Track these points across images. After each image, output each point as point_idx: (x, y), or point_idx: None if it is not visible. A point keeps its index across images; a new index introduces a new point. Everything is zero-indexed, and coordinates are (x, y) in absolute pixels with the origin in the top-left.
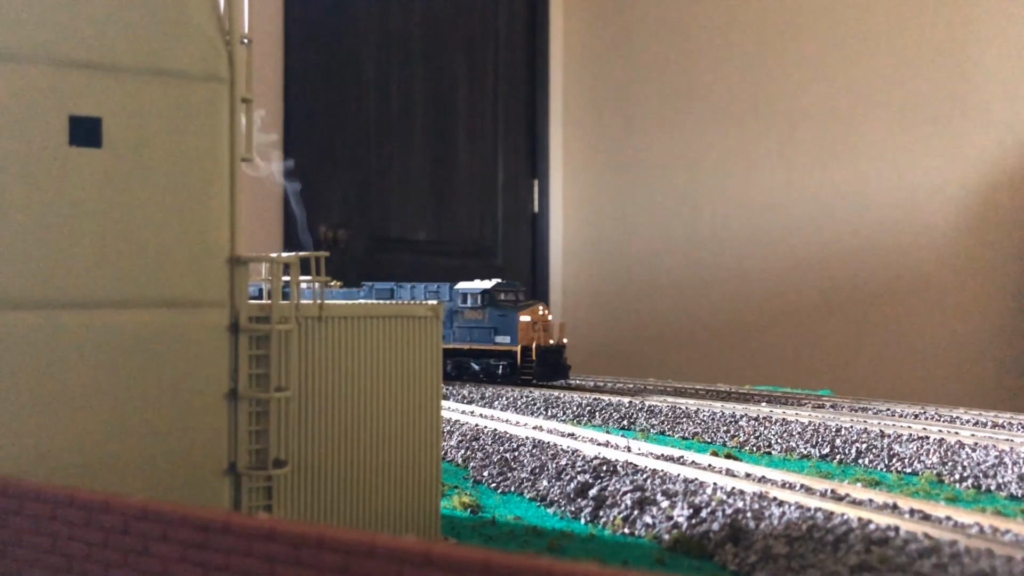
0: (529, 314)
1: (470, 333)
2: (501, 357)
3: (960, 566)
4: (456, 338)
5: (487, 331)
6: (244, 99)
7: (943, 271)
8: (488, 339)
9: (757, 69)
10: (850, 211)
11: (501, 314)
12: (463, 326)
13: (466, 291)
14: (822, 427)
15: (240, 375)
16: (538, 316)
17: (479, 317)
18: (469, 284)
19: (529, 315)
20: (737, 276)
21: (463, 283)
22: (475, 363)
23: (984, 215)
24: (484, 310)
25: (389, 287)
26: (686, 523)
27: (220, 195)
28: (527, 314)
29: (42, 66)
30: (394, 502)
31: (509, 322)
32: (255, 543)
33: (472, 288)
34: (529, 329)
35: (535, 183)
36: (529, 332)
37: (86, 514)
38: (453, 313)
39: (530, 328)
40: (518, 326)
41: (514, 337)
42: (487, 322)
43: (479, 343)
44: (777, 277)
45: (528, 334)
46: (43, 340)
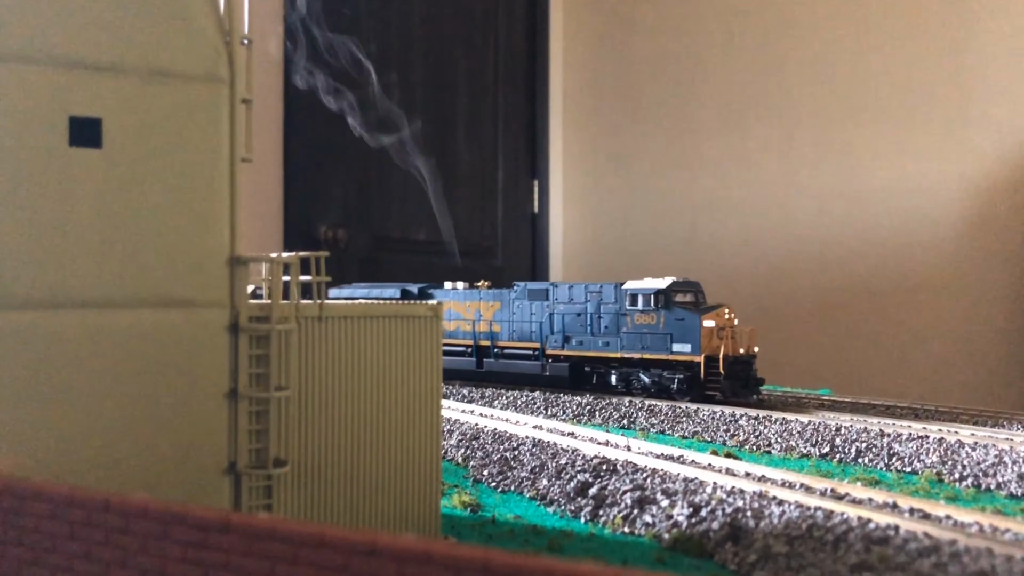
0: (713, 318)
1: (640, 340)
2: (678, 368)
3: (960, 565)
4: (623, 346)
5: (662, 338)
6: (244, 99)
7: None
8: (663, 347)
9: (757, 69)
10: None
11: (679, 318)
12: (632, 332)
13: (636, 291)
14: (822, 426)
15: (240, 375)
16: (724, 320)
17: (651, 321)
18: (639, 283)
19: (713, 319)
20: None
21: (632, 282)
22: (645, 375)
23: (984, 215)
24: (658, 313)
25: (544, 287)
26: (686, 522)
27: (220, 195)
28: (711, 318)
29: (42, 66)
30: (394, 501)
31: (690, 327)
32: (255, 543)
33: (643, 288)
34: (713, 336)
35: (535, 183)
36: (714, 339)
37: (86, 514)
38: (619, 316)
39: (715, 334)
40: (701, 332)
41: (696, 345)
42: (662, 327)
43: (652, 352)
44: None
45: (713, 341)
46: (43, 340)
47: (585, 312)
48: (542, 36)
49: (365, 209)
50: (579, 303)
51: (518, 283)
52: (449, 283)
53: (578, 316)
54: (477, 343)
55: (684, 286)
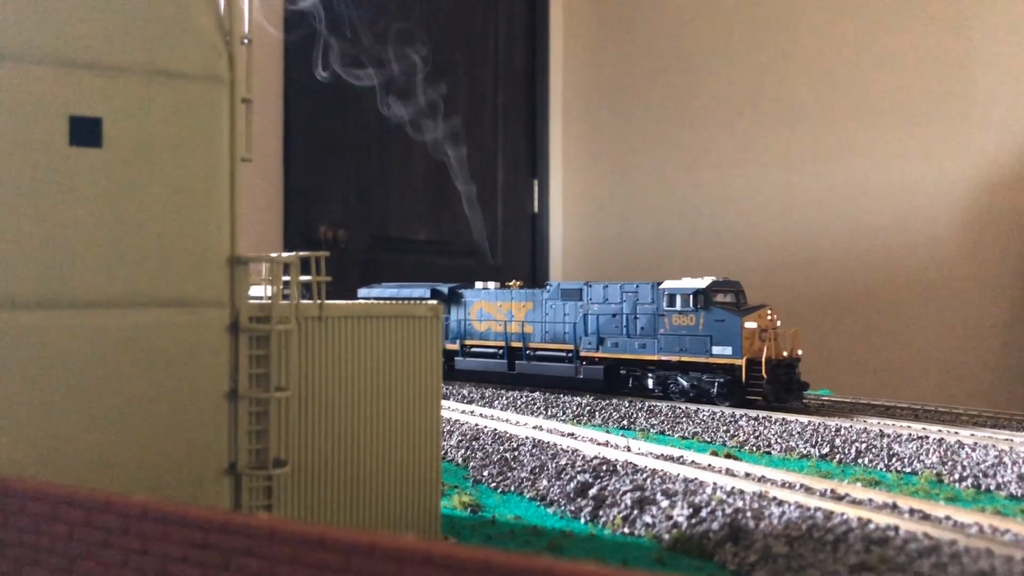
0: (755, 319)
1: (679, 342)
2: (718, 372)
3: (960, 566)
4: (661, 348)
5: (701, 340)
6: (244, 99)
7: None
8: (702, 350)
9: (757, 69)
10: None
11: (720, 319)
12: (670, 334)
13: (674, 291)
14: (822, 427)
15: (240, 375)
16: (766, 322)
17: (690, 323)
18: (677, 283)
19: (756, 321)
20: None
21: (670, 281)
22: (683, 379)
23: (984, 215)
24: (697, 314)
25: (578, 287)
26: (686, 523)
27: (220, 195)
28: (753, 319)
29: (42, 66)
30: (394, 502)
31: (730, 329)
32: (255, 543)
33: (682, 287)
34: (756, 338)
35: (535, 183)
36: (756, 341)
37: (86, 514)
38: (656, 317)
39: (757, 336)
40: (742, 334)
41: (737, 348)
42: (702, 329)
43: (691, 355)
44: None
45: (755, 344)
46: (43, 340)
47: (621, 313)
48: (542, 36)
49: (365, 209)
50: (614, 303)
51: (551, 282)
52: (480, 283)
53: (613, 317)
54: (508, 345)
55: (724, 286)
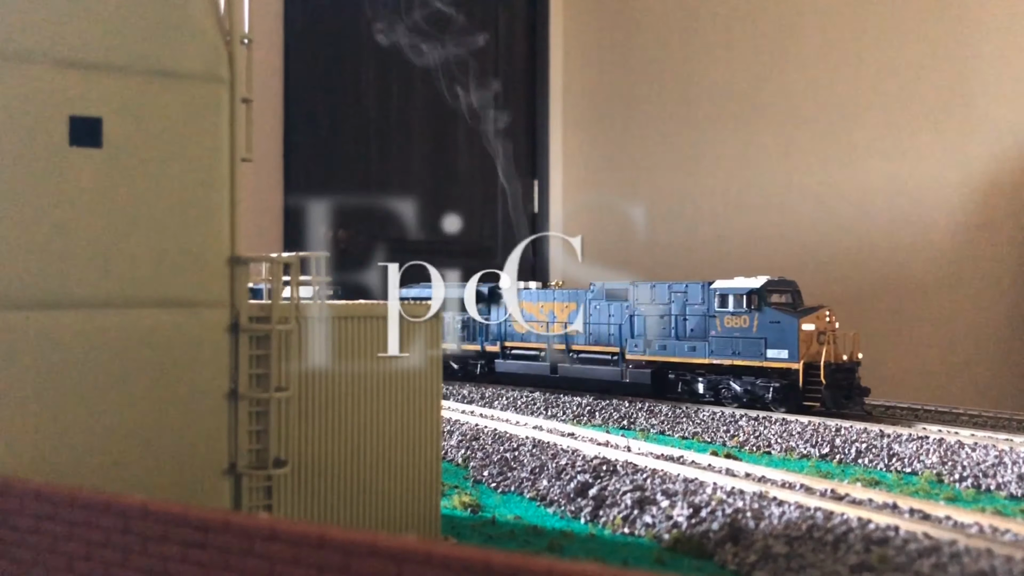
0: (813, 321)
1: (731, 345)
2: (773, 376)
3: (960, 566)
4: (712, 351)
5: (755, 343)
6: (244, 99)
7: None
8: (756, 353)
9: (757, 69)
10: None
11: (775, 321)
12: (721, 336)
13: (726, 291)
14: (822, 427)
15: (240, 375)
16: (825, 323)
17: (744, 324)
18: (729, 282)
19: (813, 322)
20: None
21: (722, 281)
22: (736, 383)
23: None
24: (751, 315)
25: (624, 287)
26: (686, 523)
27: (220, 195)
28: (810, 321)
29: (43, 66)
30: (394, 502)
31: (787, 331)
32: (255, 543)
33: (735, 287)
34: (813, 340)
35: (535, 183)
36: (813, 344)
37: (86, 514)
38: (707, 319)
39: (815, 339)
40: (799, 336)
41: (794, 351)
42: (756, 331)
43: (744, 358)
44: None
45: (812, 347)
46: (43, 340)
47: (669, 314)
48: (542, 36)
49: (365, 209)
50: (662, 304)
51: (595, 282)
52: (522, 282)
53: (661, 318)
54: (551, 347)
55: (779, 285)
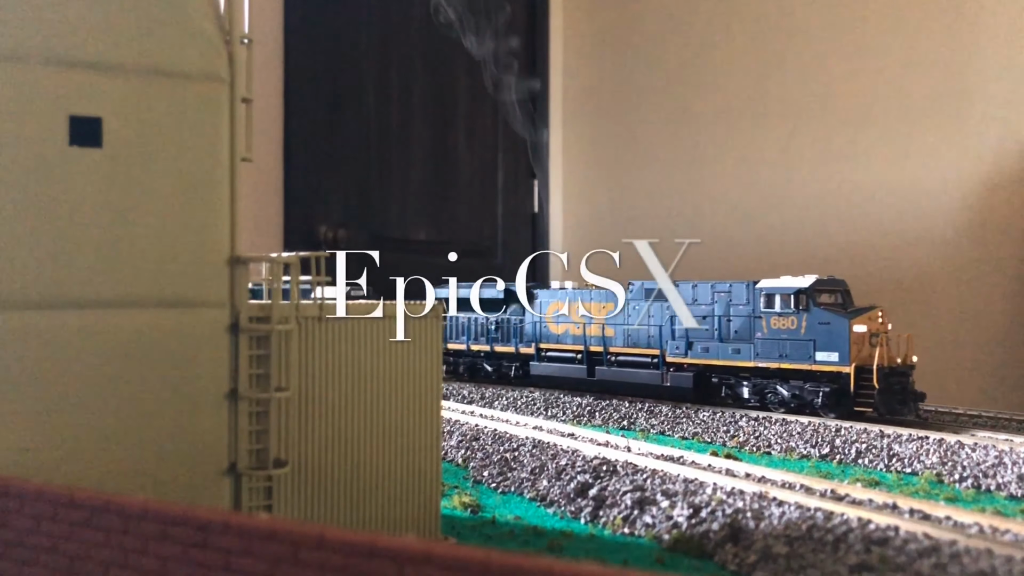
0: (865, 322)
1: (778, 347)
2: (823, 380)
3: (960, 566)
4: (757, 353)
5: (803, 345)
6: (244, 99)
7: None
8: (804, 356)
9: (757, 70)
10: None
11: (824, 322)
12: (767, 338)
13: (772, 290)
14: (822, 427)
15: (240, 375)
16: (877, 324)
17: (791, 326)
18: (776, 281)
19: (865, 324)
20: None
21: (767, 280)
22: (784, 388)
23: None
24: (799, 316)
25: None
26: (686, 523)
27: (220, 195)
28: (862, 322)
29: (42, 66)
30: (394, 502)
31: (837, 333)
32: (255, 543)
33: (781, 287)
34: (865, 342)
35: (535, 183)
36: (865, 347)
37: (86, 514)
38: (753, 320)
39: (866, 341)
40: (850, 338)
41: (844, 354)
42: (804, 333)
43: (792, 361)
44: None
45: (864, 349)
46: (43, 340)
47: (712, 315)
48: (542, 36)
49: (365, 209)
50: (705, 304)
51: (633, 281)
52: (556, 281)
53: (704, 319)
54: (587, 349)
55: (829, 284)
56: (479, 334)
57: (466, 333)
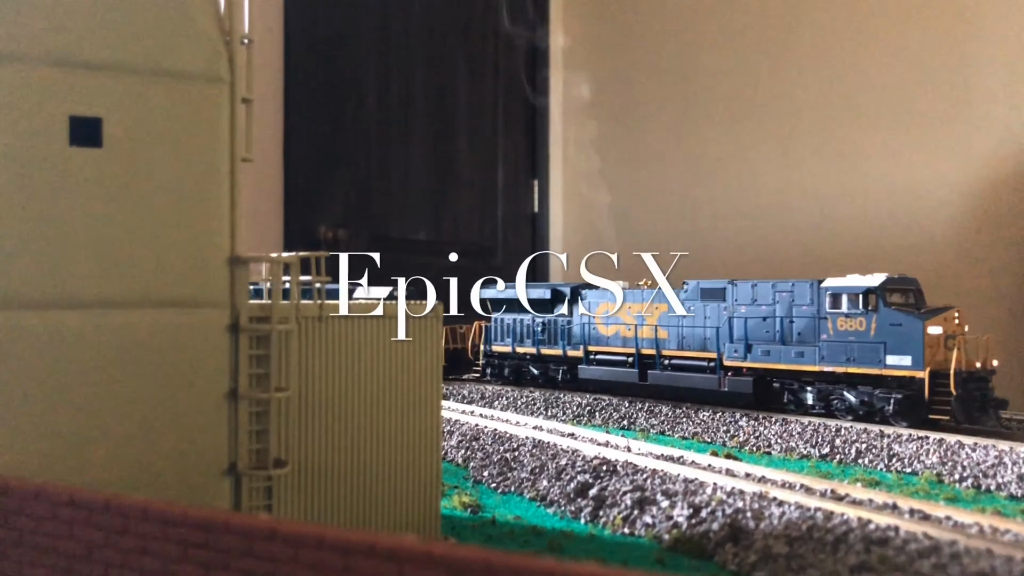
0: (940, 323)
1: (845, 350)
2: (894, 385)
3: (960, 566)
4: (822, 357)
5: (873, 348)
6: (244, 99)
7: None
8: (873, 359)
9: (757, 69)
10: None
11: (896, 323)
12: (834, 340)
13: (839, 290)
14: (822, 427)
15: (240, 375)
16: (954, 326)
17: (860, 327)
18: (842, 280)
19: (941, 325)
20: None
21: (833, 279)
22: (851, 394)
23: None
24: (868, 317)
25: (721, 286)
26: (686, 523)
27: (220, 195)
28: (937, 323)
29: (43, 66)
30: (394, 502)
31: (910, 335)
32: (255, 543)
33: (849, 286)
34: (941, 345)
35: (535, 183)
36: (941, 350)
37: (86, 514)
38: (817, 321)
39: (942, 344)
40: (925, 340)
41: (918, 357)
42: (874, 335)
43: (860, 365)
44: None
45: (939, 353)
46: (43, 340)
47: (773, 316)
48: (542, 36)
49: (365, 209)
50: (765, 305)
51: (688, 281)
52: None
53: (764, 320)
54: (639, 352)
55: (900, 283)
56: (525, 336)
57: (511, 335)
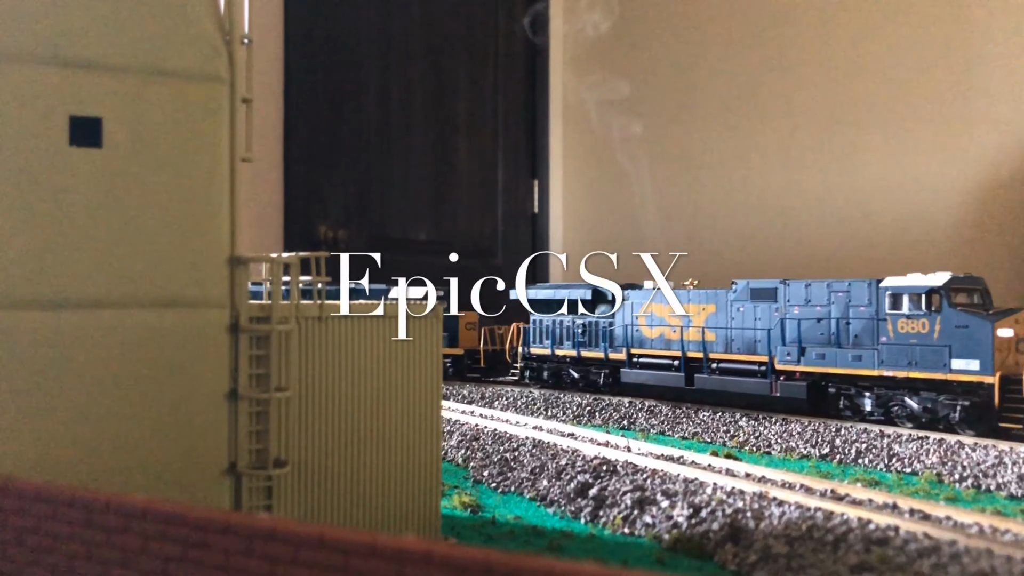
0: (1011, 325)
1: (906, 354)
2: (959, 392)
3: (960, 566)
4: (882, 361)
5: (937, 351)
6: (244, 99)
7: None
8: (937, 363)
9: (758, 69)
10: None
11: (962, 325)
12: (894, 343)
13: (900, 290)
14: (822, 427)
15: (240, 375)
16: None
17: (922, 329)
18: (904, 280)
19: (1011, 327)
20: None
21: (893, 278)
22: (913, 400)
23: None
24: (931, 318)
25: (772, 286)
26: (686, 523)
27: (220, 195)
28: (1007, 325)
29: (42, 66)
30: (394, 502)
31: (977, 338)
32: (255, 543)
33: (911, 285)
34: (1012, 349)
35: (535, 183)
36: (1012, 354)
37: (86, 514)
38: (876, 323)
39: (1013, 347)
40: (994, 344)
41: (987, 361)
42: (937, 337)
43: (922, 369)
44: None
45: (1010, 357)
46: (43, 340)
47: (828, 317)
48: (542, 36)
49: (365, 209)
50: (820, 305)
51: (738, 281)
52: (649, 282)
53: (819, 322)
54: (685, 355)
55: (966, 283)
56: (564, 338)
57: (550, 337)
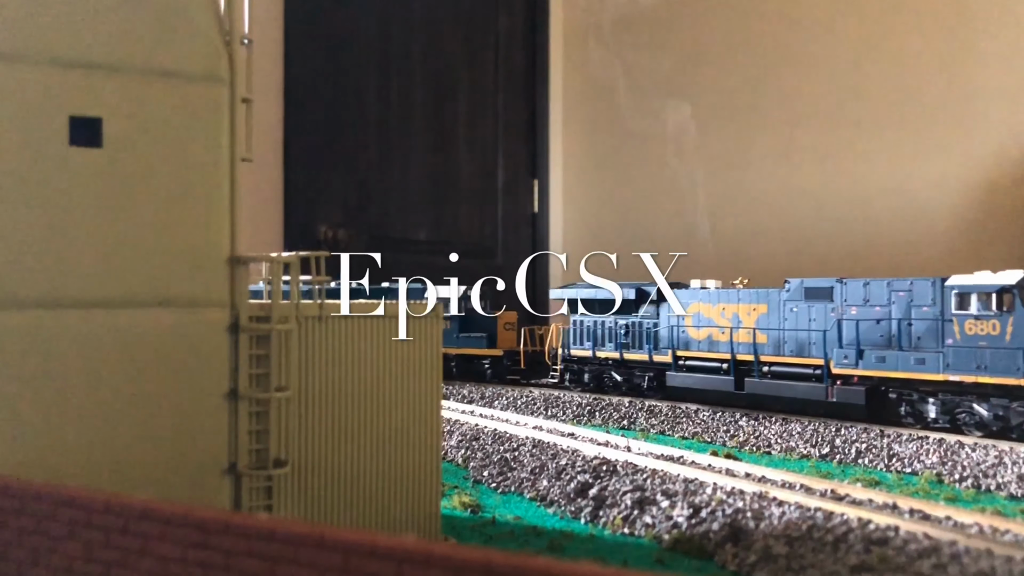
0: None
1: (975, 357)
2: None
3: (960, 566)
4: (948, 364)
5: (1009, 355)
6: (244, 99)
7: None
8: (1010, 367)
9: (758, 70)
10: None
11: None
12: (961, 346)
13: (968, 289)
14: (822, 427)
15: (240, 375)
16: None
17: (992, 331)
18: (971, 278)
19: None
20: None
21: (960, 277)
22: (982, 406)
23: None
24: (1002, 319)
25: (828, 285)
26: (686, 523)
27: (220, 195)
28: None
29: (43, 66)
30: (394, 502)
31: None
32: (255, 543)
33: (980, 284)
34: None
35: (535, 183)
36: None
37: (86, 514)
38: (941, 324)
39: None
40: None
41: None
42: (1010, 340)
43: (993, 374)
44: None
45: None
46: (43, 340)
47: (889, 318)
48: (542, 36)
49: (365, 209)
50: (880, 306)
51: (791, 280)
52: (696, 280)
53: (878, 323)
54: (735, 358)
55: None
56: (606, 339)
57: (591, 338)
